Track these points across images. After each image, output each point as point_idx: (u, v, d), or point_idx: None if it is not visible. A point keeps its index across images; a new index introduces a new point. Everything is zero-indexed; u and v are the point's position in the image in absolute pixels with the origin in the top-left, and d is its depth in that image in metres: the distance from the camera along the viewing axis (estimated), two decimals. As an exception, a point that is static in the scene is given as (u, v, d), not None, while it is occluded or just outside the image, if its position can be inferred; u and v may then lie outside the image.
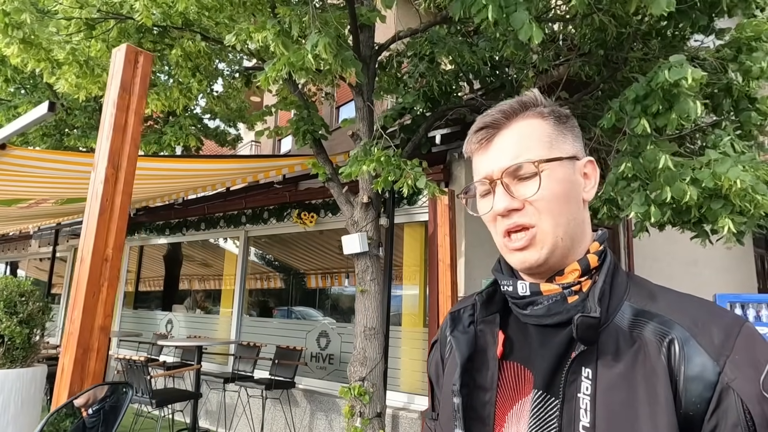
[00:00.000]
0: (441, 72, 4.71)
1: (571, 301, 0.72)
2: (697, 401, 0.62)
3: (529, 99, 0.79)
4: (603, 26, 3.52)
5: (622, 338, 0.68)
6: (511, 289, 0.76)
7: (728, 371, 0.62)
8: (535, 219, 0.73)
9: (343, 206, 4.55)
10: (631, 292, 0.73)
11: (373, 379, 4.20)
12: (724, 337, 0.64)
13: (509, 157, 0.74)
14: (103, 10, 4.08)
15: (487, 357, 0.78)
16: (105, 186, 2.07)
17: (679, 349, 0.65)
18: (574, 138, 0.79)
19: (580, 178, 0.77)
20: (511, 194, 0.74)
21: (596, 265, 0.74)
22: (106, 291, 2.05)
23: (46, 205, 5.30)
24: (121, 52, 2.19)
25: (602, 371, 0.66)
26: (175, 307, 8.04)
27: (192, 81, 5.44)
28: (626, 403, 0.64)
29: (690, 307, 0.69)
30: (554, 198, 0.73)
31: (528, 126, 0.76)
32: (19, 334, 2.84)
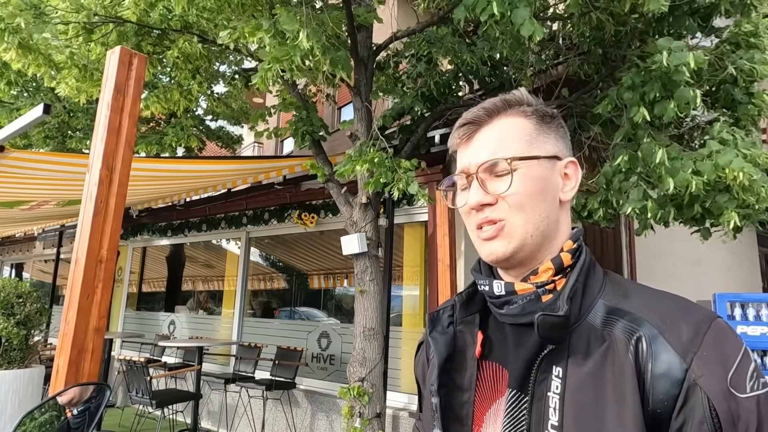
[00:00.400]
0: (439, 72, 4.71)
1: (545, 300, 0.72)
2: (665, 399, 0.62)
3: (514, 97, 0.80)
4: (601, 24, 3.52)
5: (594, 337, 0.68)
6: (487, 288, 0.77)
7: (695, 368, 0.61)
8: (506, 214, 0.74)
9: (342, 207, 4.56)
10: (606, 290, 0.73)
11: (372, 379, 4.20)
12: (693, 333, 0.64)
13: (487, 153, 0.75)
14: (101, 14, 4.10)
15: (466, 357, 0.78)
16: (99, 188, 2.08)
17: (646, 346, 0.64)
18: (557, 138, 0.79)
19: (558, 178, 0.77)
20: (485, 189, 0.75)
21: (570, 263, 0.74)
22: (100, 292, 2.06)
23: (47, 207, 5.33)
24: (115, 54, 2.20)
25: (572, 370, 0.66)
26: (178, 308, 8.07)
27: (192, 83, 5.46)
28: (594, 402, 0.63)
29: (661, 304, 0.69)
30: (527, 195, 0.73)
31: (509, 124, 0.77)
32: (17, 335, 2.86)
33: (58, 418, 1.00)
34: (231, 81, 6.37)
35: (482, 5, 2.47)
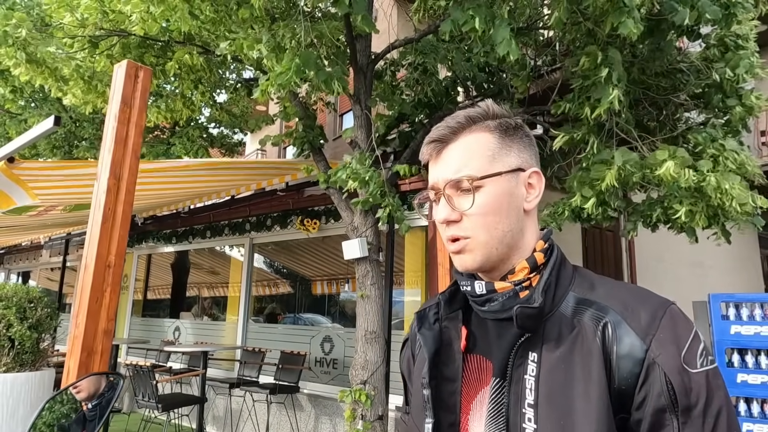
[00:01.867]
0: (436, 80, 4.80)
1: (522, 296, 0.79)
2: (628, 377, 0.70)
3: (477, 113, 0.84)
4: (591, 32, 3.60)
5: (565, 324, 0.75)
6: (469, 288, 0.83)
7: (654, 348, 0.69)
8: (470, 231, 0.79)
9: (343, 212, 4.64)
10: (575, 282, 0.81)
11: (374, 382, 4.26)
12: (650, 318, 0.72)
13: (452, 170, 0.80)
14: (106, 28, 4.21)
15: (452, 351, 0.84)
16: (107, 196, 2.16)
17: (611, 331, 0.72)
18: (520, 149, 0.84)
19: (522, 190, 0.82)
20: (452, 206, 0.80)
21: (543, 261, 0.81)
22: (108, 296, 2.14)
23: (55, 212, 5.44)
24: (121, 68, 2.30)
25: (546, 355, 0.74)
26: (183, 314, 8.15)
27: (195, 93, 5.57)
28: (564, 381, 0.71)
29: (623, 293, 0.77)
30: (489, 212, 0.79)
31: (473, 140, 0.82)
32: (29, 338, 2.95)
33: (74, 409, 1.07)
34: (233, 90, 6.47)
35: (465, 18, 2.57)
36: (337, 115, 10.29)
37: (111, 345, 2.16)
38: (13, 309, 2.94)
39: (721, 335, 3.25)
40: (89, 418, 1.07)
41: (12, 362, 2.83)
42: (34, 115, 6.94)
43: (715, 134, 3.32)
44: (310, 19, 3.57)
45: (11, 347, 2.89)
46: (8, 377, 2.71)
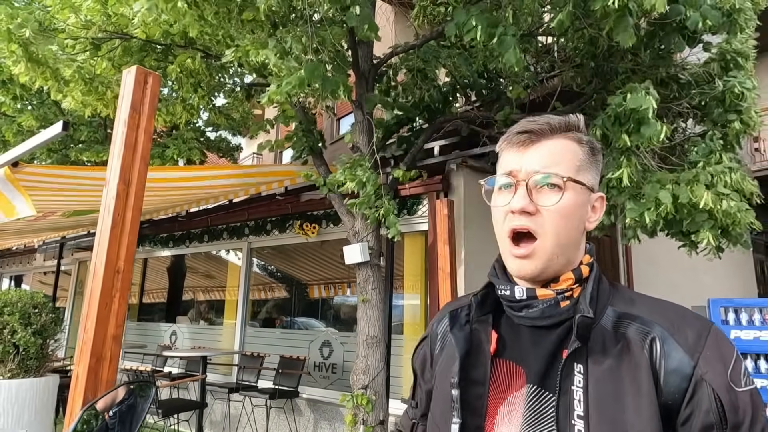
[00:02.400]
0: (436, 85, 4.84)
1: (563, 306, 0.81)
2: (675, 391, 0.72)
3: (574, 122, 0.85)
4: (594, 40, 3.65)
5: (608, 337, 0.77)
6: (508, 293, 0.84)
7: (701, 365, 0.72)
8: (541, 228, 0.80)
9: (344, 217, 4.65)
10: (613, 298, 0.83)
11: (375, 387, 4.26)
12: (696, 336, 0.75)
13: (541, 164, 0.81)
14: (108, 30, 4.21)
15: (480, 354, 0.85)
16: (117, 201, 2.16)
17: (659, 346, 0.74)
18: (596, 172, 0.86)
19: (588, 209, 0.84)
20: (530, 197, 0.80)
21: (587, 275, 0.83)
22: (117, 302, 2.14)
23: (53, 218, 5.41)
24: (131, 74, 2.30)
25: (592, 367, 0.75)
26: (179, 318, 8.11)
27: (194, 96, 5.56)
28: (614, 393, 0.73)
29: (666, 310, 0.79)
30: (564, 215, 0.80)
31: (566, 145, 0.83)
32: (33, 344, 2.93)
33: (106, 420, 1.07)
34: (231, 93, 6.47)
35: (469, 27, 2.60)
36: (334, 119, 10.31)
37: (119, 351, 2.16)
38: (17, 315, 2.92)
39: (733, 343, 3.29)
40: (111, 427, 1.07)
41: (17, 368, 2.81)
42: (29, 118, 6.89)
43: (713, 147, 3.37)
44: (312, 23, 3.59)
45: (16, 353, 2.88)
46: (13, 383, 2.70)
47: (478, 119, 4.63)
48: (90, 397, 2.02)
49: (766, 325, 3.18)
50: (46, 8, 4.22)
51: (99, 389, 2.04)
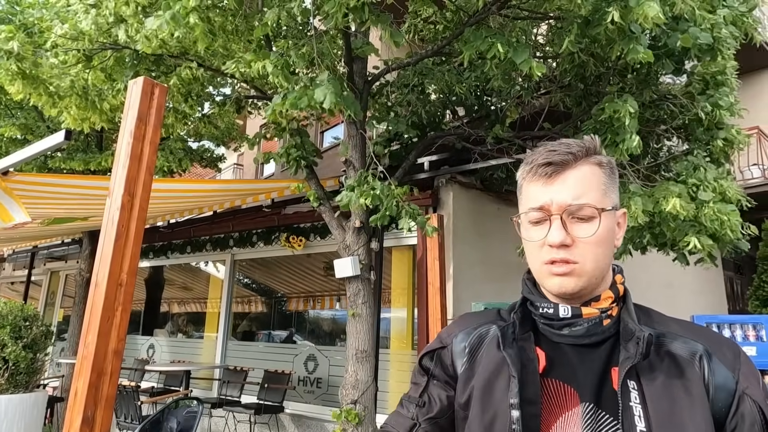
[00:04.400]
0: (430, 101, 4.91)
1: (605, 324, 0.83)
2: (722, 406, 0.76)
3: (591, 145, 0.86)
4: (583, 63, 3.77)
5: (651, 355, 0.80)
6: (551, 311, 0.85)
7: (742, 381, 0.77)
8: (580, 257, 0.81)
9: (334, 230, 4.64)
10: (643, 317, 0.86)
11: (364, 402, 4.23)
12: (733, 354, 0.80)
13: (572, 195, 0.82)
14: (101, 41, 4.15)
15: (528, 373, 0.84)
16: (121, 212, 2.13)
17: (707, 363, 0.79)
18: (616, 190, 0.89)
19: (616, 227, 0.87)
20: (566, 230, 0.81)
21: (622, 294, 0.87)
22: (120, 315, 2.10)
23: (31, 226, 5.25)
24: (137, 85, 2.28)
25: (646, 383, 0.77)
26: (157, 331, 7.92)
27: (184, 106, 5.50)
28: (671, 408, 0.75)
29: (699, 330, 0.84)
30: (601, 242, 0.82)
31: (590, 171, 0.84)
32: (24, 358, 2.82)
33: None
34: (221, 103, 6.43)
35: (487, 44, 2.68)
36: (318, 131, 10.33)
37: (120, 366, 2.11)
38: (8, 328, 2.80)
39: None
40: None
41: (6, 383, 2.69)
42: (6, 125, 6.70)
43: (697, 162, 3.51)
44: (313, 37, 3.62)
45: (5, 368, 2.75)
46: (2, 399, 2.57)
47: (471, 136, 4.71)
48: (89, 414, 1.97)
49: (748, 341, 3.30)
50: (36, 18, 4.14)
51: (99, 405, 1.99)
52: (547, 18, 3.78)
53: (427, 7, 4.81)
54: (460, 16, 4.42)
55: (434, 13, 4.85)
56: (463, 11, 4.23)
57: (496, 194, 5.62)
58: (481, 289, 5.16)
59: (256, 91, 5.14)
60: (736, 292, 10.59)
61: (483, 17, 3.43)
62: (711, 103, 3.62)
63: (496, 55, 2.63)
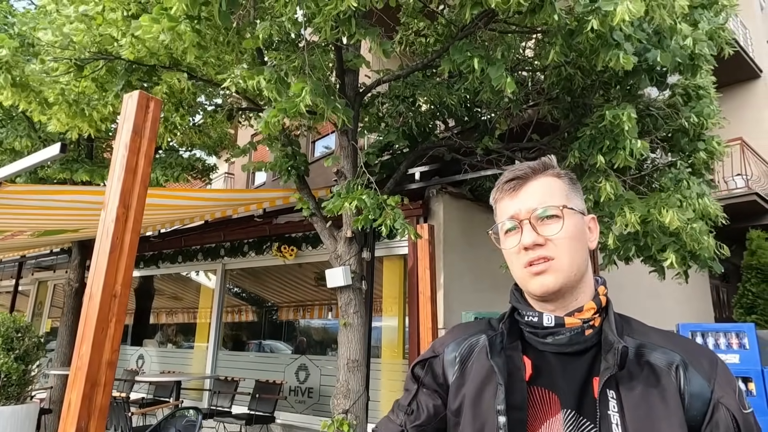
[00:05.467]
0: (421, 112, 4.99)
1: (588, 334, 0.87)
2: (697, 414, 0.80)
3: (549, 161, 0.95)
4: (570, 76, 3.86)
5: (632, 365, 0.84)
6: (536, 320, 0.89)
7: (717, 390, 0.81)
8: (554, 253, 0.87)
9: (326, 240, 4.67)
10: (625, 328, 0.90)
11: (356, 411, 4.25)
12: (710, 364, 0.84)
13: (536, 201, 0.90)
14: (92, 51, 4.18)
15: (515, 381, 0.89)
16: (116, 225, 2.16)
17: (683, 372, 0.83)
18: (581, 198, 0.97)
19: (586, 230, 0.94)
20: (536, 232, 0.88)
21: (605, 305, 0.91)
22: (114, 326, 2.12)
23: (21, 238, 5.22)
24: (133, 98, 2.32)
25: (624, 392, 0.82)
26: (147, 342, 7.86)
27: (175, 116, 5.52)
28: (648, 416, 0.80)
29: (680, 340, 0.89)
30: (571, 238, 0.88)
31: (550, 181, 0.93)
32: (16, 370, 2.81)
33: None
34: (212, 114, 6.45)
35: (464, 58, 2.75)
36: (309, 140, 10.37)
37: (114, 376, 2.12)
38: (0, 340, 2.78)
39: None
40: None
41: (-2, 396, 2.68)
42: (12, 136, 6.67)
43: (681, 175, 3.61)
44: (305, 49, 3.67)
45: (-3, 380, 2.75)
46: (-6, 411, 2.57)
47: (462, 148, 4.78)
48: (83, 425, 1.98)
49: (732, 348, 3.38)
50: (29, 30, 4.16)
51: (93, 416, 2.00)
52: (534, 32, 3.87)
53: (417, 21, 4.92)
54: (451, 30, 4.51)
55: (426, 27, 4.94)
56: (454, 25, 4.32)
57: (486, 204, 5.66)
58: (472, 298, 5.21)
59: (248, 102, 5.18)
60: (723, 300, 10.74)
61: (471, 32, 3.50)
62: (696, 113, 3.73)
63: (473, 69, 2.71)
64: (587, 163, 3.63)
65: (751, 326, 3.37)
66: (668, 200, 3.28)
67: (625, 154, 3.32)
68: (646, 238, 3.38)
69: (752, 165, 8.95)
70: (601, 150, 3.39)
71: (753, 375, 3.22)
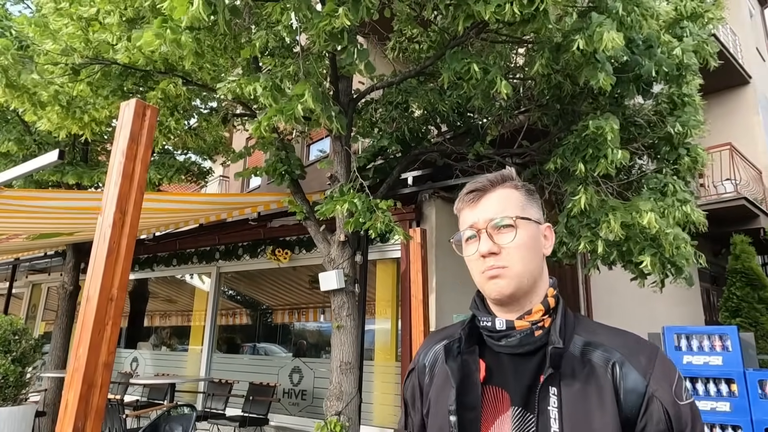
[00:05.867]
0: (413, 118, 5.06)
1: (537, 335, 0.94)
2: (632, 407, 0.87)
3: (507, 174, 1.03)
4: (559, 84, 3.95)
5: (576, 363, 0.92)
6: (489, 324, 0.97)
7: (652, 384, 0.87)
8: (508, 261, 0.95)
9: (320, 244, 4.73)
10: (577, 327, 0.97)
11: (348, 413, 4.30)
12: (647, 360, 0.90)
13: (493, 212, 0.97)
14: (89, 56, 4.23)
15: (471, 382, 0.96)
16: (113, 229, 2.21)
17: (619, 369, 0.89)
18: (537, 207, 1.03)
19: (542, 238, 1.00)
20: (492, 241, 0.95)
21: (554, 306, 0.98)
22: (110, 329, 2.17)
23: (16, 241, 5.25)
24: (130, 106, 2.38)
25: (564, 389, 0.89)
26: (141, 344, 7.88)
27: (170, 120, 5.57)
28: (584, 411, 0.87)
29: (622, 338, 0.95)
30: (524, 246, 0.95)
31: (507, 193, 1.00)
32: (13, 372, 2.85)
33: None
34: (207, 117, 6.50)
35: (463, 65, 2.84)
36: (304, 145, 10.42)
37: (110, 378, 2.18)
38: (-3, 343, 2.84)
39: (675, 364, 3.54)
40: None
41: (-5, 396, 2.72)
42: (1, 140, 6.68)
43: (666, 180, 3.70)
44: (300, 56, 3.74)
45: (-6, 382, 2.78)
46: (-8, 412, 2.61)
47: (453, 153, 4.86)
48: (80, 426, 2.03)
49: (715, 351, 3.46)
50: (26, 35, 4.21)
51: (89, 417, 2.05)
52: (523, 42, 3.96)
53: (411, 28, 5.00)
54: (444, 37, 4.59)
55: (419, 33, 5.02)
56: (447, 33, 4.40)
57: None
58: (463, 301, 5.26)
59: (243, 107, 5.24)
60: (713, 303, 10.86)
61: (463, 41, 3.59)
62: (681, 123, 3.82)
63: (473, 75, 2.78)
64: (570, 169, 3.73)
65: (733, 329, 3.45)
66: (647, 203, 3.37)
67: (606, 163, 3.41)
68: (628, 242, 3.47)
69: (741, 170, 9.10)
70: (584, 158, 3.49)
71: (735, 376, 3.31)
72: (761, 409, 3.19)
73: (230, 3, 2.88)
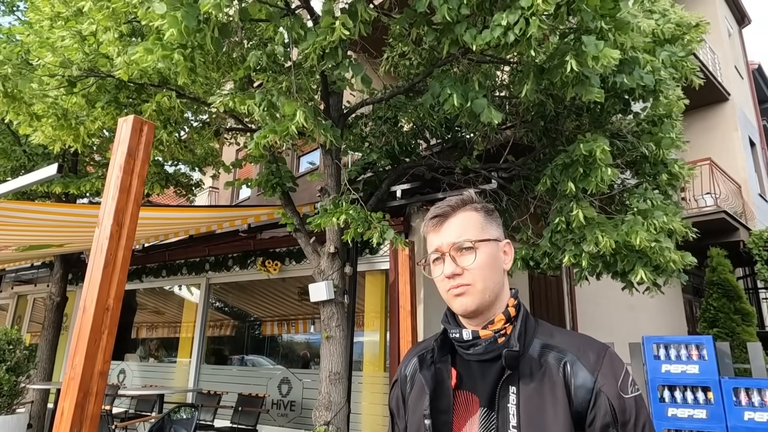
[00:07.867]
0: (401, 132, 5.19)
1: (500, 342, 1.04)
2: (582, 402, 0.97)
3: (468, 197, 1.13)
4: (543, 103, 4.10)
5: (534, 364, 1.02)
6: (458, 335, 1.07)
7: (600, 380, 0.97)
8: (470, 280, 1.04)
9: (310, 256, 4.80)
10: (537, 331, 1.08)
11: (337, 423, 4.35)
12: (596, 358, 1.00)
13: (455, 235, 1.07)
14: (85, 68, 4.30)
15: (444, 388, 1.07)
16: (110, 241, 2.28)
17: (570, 368, 0.99)
18: (497, 226, 1.14)
19: (501, 255, 1.10)
20: (455, 263, 1.05)
21: (514, 314, 1.09)
22: (106, 338, 2.23)
23: (5, 252, 5.25)
24: (127, 122, 2.46)
25: (522, 388, 0.99)
26: (128, 356, 7.84)
27: (162, 132, 5.63)
28: (538, 407, 0.97)
29: (575, 339, 1.06)
30: (485, 266, 1.05)
31: (467, 216, 1.09)
32: (7, 381, 2.87)
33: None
34: (198, 130, 6.56)
35: (444, 96, 2.95)
36: (294, 157, 10.51)
37: (105, 386, 2.23)
38: (-9, 352, 2.86)
39: (653, 373, 3.64)
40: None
41: (-11, 405, 2.74)
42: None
43: (647, 195, 3.84)
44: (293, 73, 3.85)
45: (-12, 390, 2.80)
46: (-14, 420, 2.62)
47: (440, 168, 4.98)
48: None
49: (692, 360, 3.58)
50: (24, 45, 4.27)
51: (85, 424, 2.10)
52: (508, 63, 4.10)
53: (402, 46, 5.14)
54: (434, 54, 4.73)
55: (410, 50, 5.16)
56: (436, 51, 4.54)
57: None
58: (451, 312, 5.36)
59: (235, 121, 5.32)
60: (695, 314, 11.06)
61: (450, 61, 3.72)
62: (654, 142, 3.98)
63: (454, 106, 2.90)
64: (558, 187, 3.86)
65: (709, 338, 3.57)
66: (636, 224, 3.51)
67: (597, 181, 3.55)
68: (616, 256, 3.60)
69: (721, 184, 9.35)
70: (574, 178, 3.62)
71: (711, 384, 3.42)
72: (735, 416, 3.31)
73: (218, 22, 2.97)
